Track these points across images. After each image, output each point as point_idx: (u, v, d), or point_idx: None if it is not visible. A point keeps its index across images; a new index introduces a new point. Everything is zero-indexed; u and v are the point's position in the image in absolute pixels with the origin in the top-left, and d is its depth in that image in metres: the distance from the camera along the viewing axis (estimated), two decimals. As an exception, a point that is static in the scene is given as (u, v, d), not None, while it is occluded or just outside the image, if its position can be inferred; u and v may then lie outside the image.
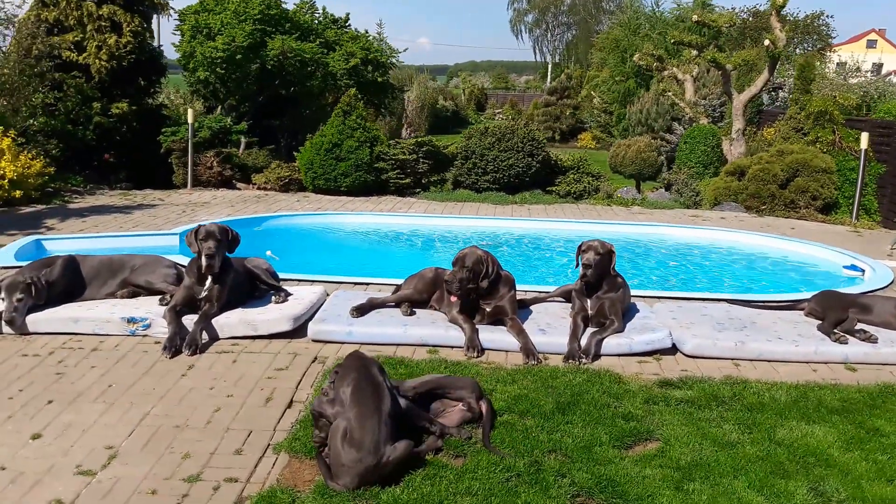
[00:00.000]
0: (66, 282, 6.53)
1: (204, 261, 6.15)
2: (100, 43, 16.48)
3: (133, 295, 6.68)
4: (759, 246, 10.66)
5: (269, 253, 9.36)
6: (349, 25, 18.80)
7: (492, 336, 5.89)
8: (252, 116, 18.36)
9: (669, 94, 22.06)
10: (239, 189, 15.47)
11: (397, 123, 36.86)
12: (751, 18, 36.13)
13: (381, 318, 6.13)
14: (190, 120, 15.16)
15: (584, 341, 5.77)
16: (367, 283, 7.63)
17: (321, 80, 16.88)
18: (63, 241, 9.89)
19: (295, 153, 15.33)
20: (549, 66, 69.68)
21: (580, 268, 5.87)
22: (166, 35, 68.43)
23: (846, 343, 5.72)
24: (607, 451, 4.34)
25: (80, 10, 16.56)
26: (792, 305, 6.60)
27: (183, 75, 19.43)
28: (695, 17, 18.69)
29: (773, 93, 23.40)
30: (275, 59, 16.12)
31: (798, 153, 12.77)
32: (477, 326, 5.98)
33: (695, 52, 19.82)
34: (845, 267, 9.08)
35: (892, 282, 8.28)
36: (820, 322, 6.11)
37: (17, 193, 12.42)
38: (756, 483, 4.02)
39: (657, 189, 14.60)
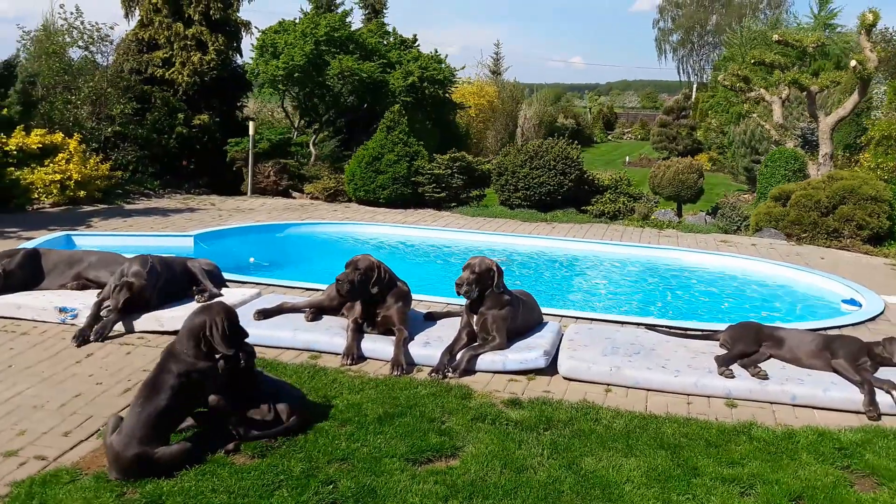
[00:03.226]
0: (25, 272, 7.14)
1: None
2: (184, 60, 17.73)
3: (83, 287, 7.21)
4: (768, 275, 10.04)
5: (252, 260, 9.80)
6: (417, 46, 19.23)
7: (374, 346, 5.95)
8: (347, 130, 19.16)
9: (755, 115, 20.97)
10: (294, 198, 16.16)
11: (509, 139, 37.12)
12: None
13: (279, 322, 6.31)
14: (251, 132, 16.06)
15: (458, 356, 5.71)
16: (316, 290, 7.83)
17: (384, 97, 17.37)
18: (91, 238, 10.77)
19: (345, 165, 15.87)
20: (695, 85, 68.38)
21: (455, 286, 5.82)
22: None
23: (732, 377, 5.33)
24: (396, 463, 4.31)
25: (169, 30, 17.91)
26: (709, 335, 6.20)
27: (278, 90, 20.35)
28: (775, 37, 17.70)
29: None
30: (335, 78, 16.74)
31: (847, 179, 11.85)
32: (369, 335, 6.07)
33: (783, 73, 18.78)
34: (844, 301, 8.38)
35: (877, 315, 7.64)
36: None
37: (82, 193, 13.60)
38: (518, 509, 3.88)
39: (700, 212, 13.95)
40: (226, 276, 8.00)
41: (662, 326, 6.61)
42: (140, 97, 17.06)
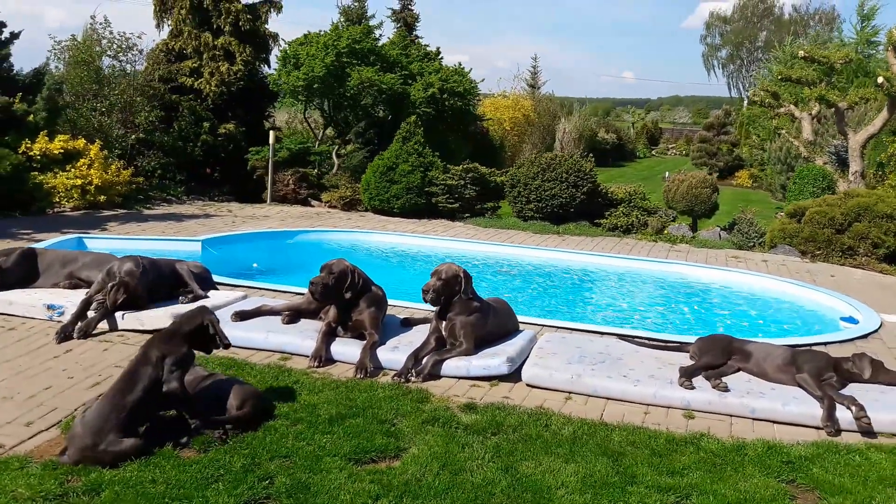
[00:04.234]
0: (21, 270, 7.36)
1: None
2: (212, 70, 18.13)
3: (75, 286, 7.41)
4: (772, 291, 9.90)
5: (255, 265, 9.95)
6: (440, 59, 19.42)
7: (344, 349, 6.01)
8: (377, 142, 19.40)
9: (783, 131, 20.63)
10: (313, 206, 16.36)
11: (546, 153, 37.10)
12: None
13: (254, 324, 6.41)
14: (271, 141, 16.33)
15: (424, 360, 5.74)
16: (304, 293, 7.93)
17: (406, 109, 17.56)
18: (102, 241, 11.04)
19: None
20: (745, 102, 67.66)
21: (421, 292, 5.87)
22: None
23: (691, 388, 5.26)
24: (336, 461, 4.35)
25: (198, 40, 18.34)
26: (680, 347, 6.13)
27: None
28: (801, 53, 17.41)
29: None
30: (355, 89, 16.96)
31: (863, 196, 11.60)
32: (341, 339, 6.14)
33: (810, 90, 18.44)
34: (842, 318, 8.21)
35: (871, 332, 7.49)
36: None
37: (102, 198, 13.95)
38: (445, 510, 3.89)
39: (715, 227, 13.76)
40: (219, 279, 8.16)
41: (639, 337, 6.55)
42: (167, 106, 17.47)
